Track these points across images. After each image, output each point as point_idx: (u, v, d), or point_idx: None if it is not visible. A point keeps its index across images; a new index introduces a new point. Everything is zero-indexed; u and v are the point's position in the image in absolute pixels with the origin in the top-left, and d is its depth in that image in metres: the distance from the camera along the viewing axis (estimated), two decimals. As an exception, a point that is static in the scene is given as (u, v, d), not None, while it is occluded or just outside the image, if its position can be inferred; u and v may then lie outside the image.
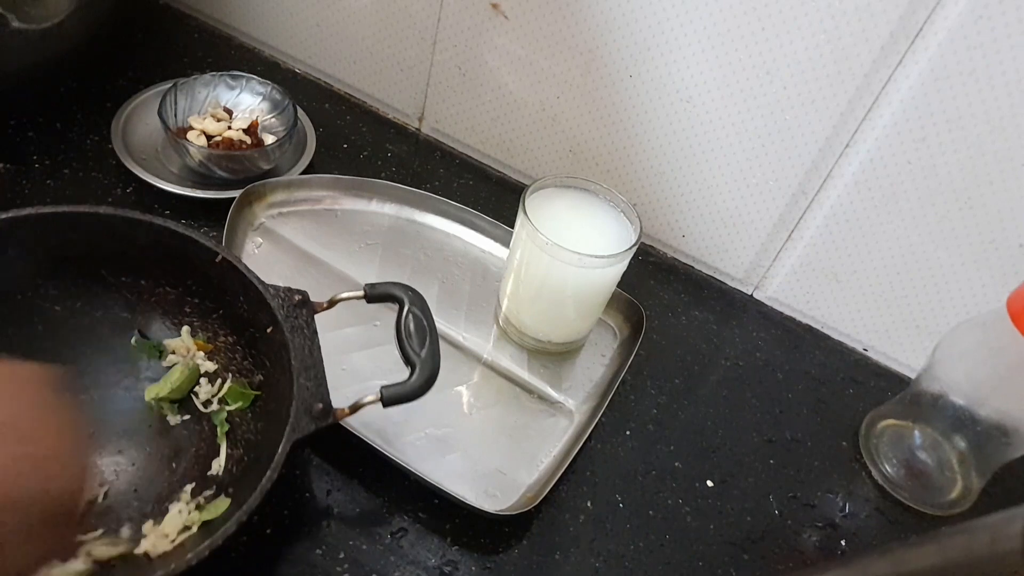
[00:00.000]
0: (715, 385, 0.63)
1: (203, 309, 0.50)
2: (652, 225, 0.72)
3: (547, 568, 0.49)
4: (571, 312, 0.59)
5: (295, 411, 0.42)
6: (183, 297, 0.50)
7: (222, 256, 0.47)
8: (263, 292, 0.46)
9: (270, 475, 0.39)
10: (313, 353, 0.45)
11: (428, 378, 0.45)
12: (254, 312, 0.47)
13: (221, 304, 0.49)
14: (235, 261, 0.47)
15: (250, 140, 0.66)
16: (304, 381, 0.43)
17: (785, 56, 0.58)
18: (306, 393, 0.43)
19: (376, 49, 0.76)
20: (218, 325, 0.50)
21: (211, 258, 0.47)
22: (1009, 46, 0.51)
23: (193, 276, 0.49)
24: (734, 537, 0.53)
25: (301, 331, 0.45)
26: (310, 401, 0.43)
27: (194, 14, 0.84)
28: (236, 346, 0.50)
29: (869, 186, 0.61)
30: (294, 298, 0.46)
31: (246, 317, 0.48)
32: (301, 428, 0.42)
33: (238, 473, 0.46)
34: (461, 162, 0.77)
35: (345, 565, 0.46)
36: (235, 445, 0.47)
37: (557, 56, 0.67)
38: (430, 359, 0.46)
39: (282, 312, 0.45)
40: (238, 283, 0.47)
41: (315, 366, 0.44)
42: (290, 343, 0.44)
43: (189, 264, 0.48)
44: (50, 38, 0.59)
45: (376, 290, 0.48)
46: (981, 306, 0.61)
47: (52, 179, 0.62)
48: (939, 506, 0.57)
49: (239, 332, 0.49)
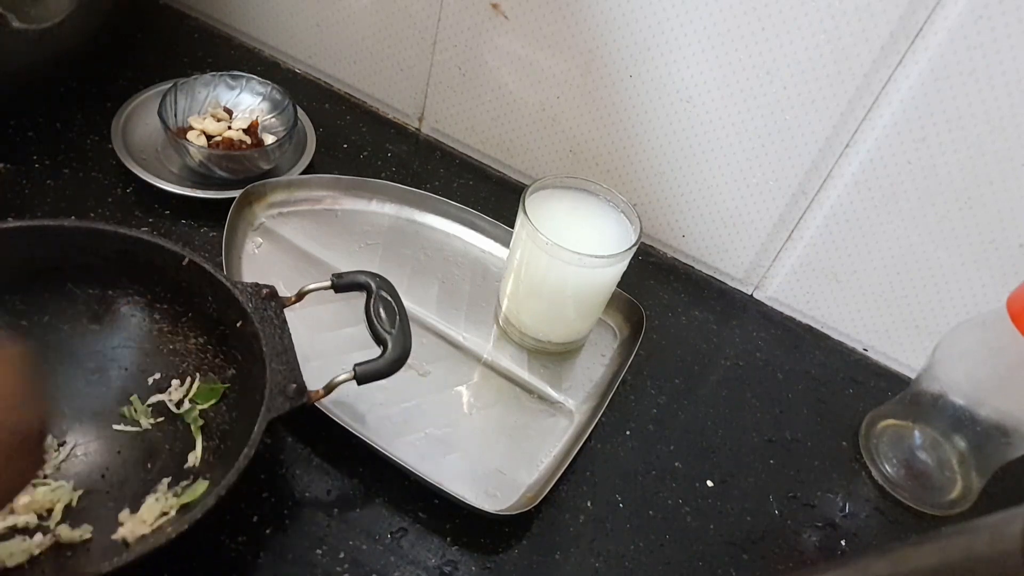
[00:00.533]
0: (715, 385, 0.63)
1: (172, 313, 0.50)
2: (652, 225, 0.72)
3: (547, 568, 0.49)
4: (571, 312, 0.59)
5: (269, 392, 0.43)
6: (152, 304, 0.50)
7: (189, 259, 0.48)
8: (231, 289, 0.47)
9: (247, 452, 0.40)
10: (284, 340, 0.46)
11: (401, 353, 0.46)
12: (223, 310, 0.48)
13: (190, 307, 0.50)
14: (202, 262, 0.48)
15: (250, 140, 0.66)
16: (276, 366, 0.44)
17: (785, 56, 0.58)
18: (279, 376, 0.44)
19: (376, 49, 0.76)
20: (188, 328, 0.51)
21: (178, 262, 0.48)
22: (1009, 46, 0.51)
23: (161, 283, 0.49)
24: (734, 537, 0.53)
25: (271, 321, 0.47)
26: (283, 383, 0.44)
27: (194, 14, 0.84)
28: (207, 346, 0.50)
29: (869, 186, 0.61)
30: (262, 292, 0.48)
31: (215, 316, 0.49)
32: (276, 407, 0.43)
33: (215, 460, 0.46)
34: (461, 162, 0.77)
35: (345, 565, 0.46)
36: (211, 437, 0.48)
37: (557, 56, 0.67)
38: (401, 335, 0.47)
39: (251, 305, 0.47)
40: (206, 283, 0.48)
41: (286, 351, 0.46)
42: (260, 332, 0.45)
43: (156, 271, 0.49)
44: (50, 38, 0.59)
45: (344, 279, 0.50)
46: (981, 306, 0.61)
47: (52, 179, 0.62)
48: (939, 506, 0.57)
49: (209, 332, 0.50)
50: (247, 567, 0.45)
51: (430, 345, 0.59)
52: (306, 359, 0.47)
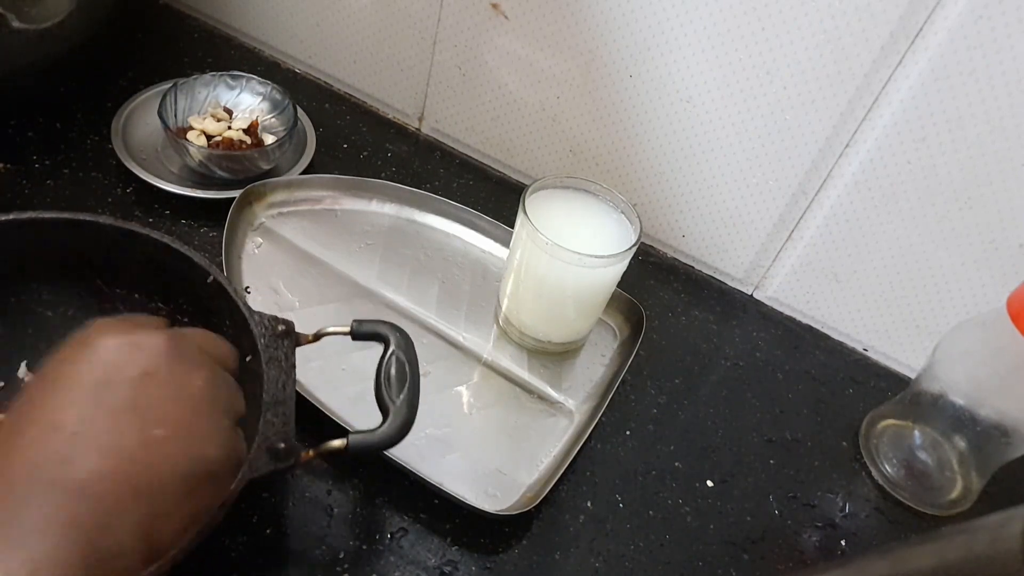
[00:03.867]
0: (715, 385, 0.63)
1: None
2: (652, 225, 0.72)
3: (547, 568, 0.49)
4: (571, 312, 0.59)
5: (255, 448, 0.39)
6: (173, 315, 0.49)
7: (213, 278, 0.46)
8: (248, 318, 0.44)
9: (216, 513, 0.35)
10: (286, 388, 0.43)
11: (400, 427, 0.43)
12: (237, 337, 0.45)
13: (208, 325, 0.48)
14: (225, 284, 0.46)
15: (250, 140, 0.66)
16: (271, 417, 0.41)
17: (785, 56, 0.58)
18: (270, 430, 0.40)
19: (376, 49, 0.76)
20: None
21: (203, 279, 0.46)
22: (1009, 46, 0.51)
23: (184, 295, 0.48)
24: (734, 537, 0.53)
25: (279, 363, 0.43)
26: (273, 439, 0.40)
27: (194, 14, 0.84)
28: None
29: (869, 186, 0.61)
30: (278, 328, 0.45)
31: (230, 342, 0.47)
32: (258, 468, 0.39)
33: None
34: (461, 162, 0.77)
35: (345, 565, 0.46)
36: None
37: (557, 56, 0.67)
38: (405, 407, 0.43)
39: (263, 340, 0.44)
40: (226, 306, 0.46)
41: (285, 402, 0.42)
42: (264, 375, 0.42)
43: (182, 282, 0.48)
44: (50, 38, 0.59)
45: (363, 328, 0.47)
46: (981, 306, 0.61)
47: (52, 179, 0.62)
48: (939, 506, 0.57)
49: None
50: (247, 567, 0.45)
51: (430, 345, 0.59)
52: (307, 359, 0.47)
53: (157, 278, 0.48)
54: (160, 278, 0.48)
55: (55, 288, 0.48)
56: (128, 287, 0.49)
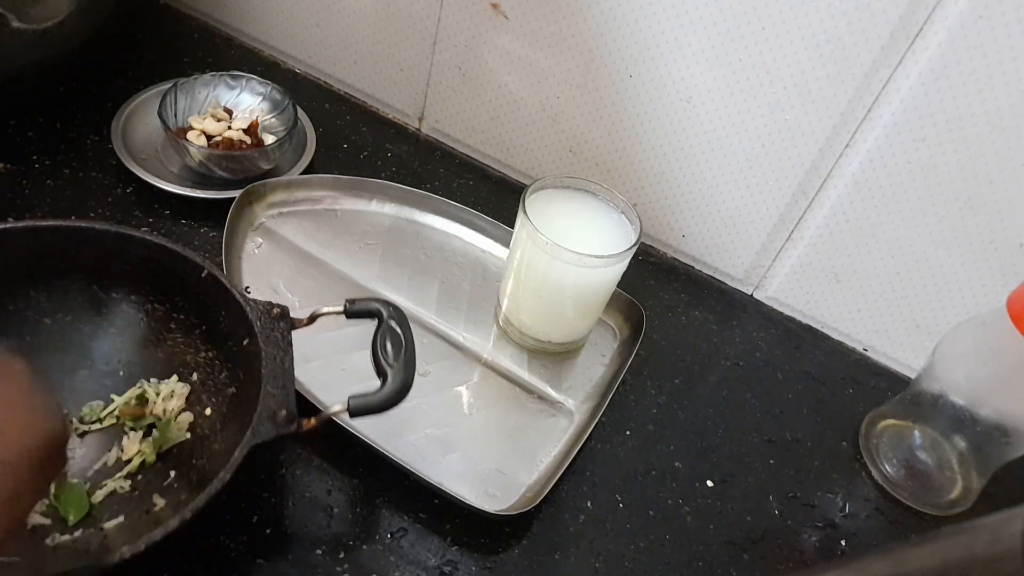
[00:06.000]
0: (715, 385, 0.63)
1: (187, 325, 0.50)
2: (652, 225, 0.72)
3: (547, 568, 0.49)
4: (571, 312, 0.59)
5: (258, 416, 0.41)
6: (169, 314, 0.50)
7: (207, 271, 0.47)
8: (243, 304, 0.46)
9: (222, 476, 0.38)
10: (284, 364, 0.45)
11: (399, 388, 0.44)
12: (234, 326, 0.47)
13: (204, 320, 0.50)
14: (219, 275, 0.47)
15: (250, 140, 0.66)
16: (271, 388, 0.43)
17: (785, 56, 0.58)
18: (271, 400, 0.42)
19: (376, 49, 0.76)
20: (200, 341, 0.50)
21: (197, 274, 0.48)
22: (1009, 46, 0.51)
23: (181, 293, 0.49)
24: (734, 537, 0.53)
25: (276, 343, 0.45)
26: (274, 408, 0.42)
27: (194, 14, 0.84)
28: (215, 361, 0.50)
29: (869, 186, 0.61)
30: (273, 311, 0.47)
31: (226, 331, 0.48)
32: (262, 433, 0.41)
33: (196, 481, 0.45)
34: (461, 162, 0.77)
35: (345, 565, 0.46)
36: (200, 456, 0.47)
37: (557, 56, 0.67)
38: (402, 370, 0.45)
39: (259, 324, 0.46)
40: (221, 297, 0.47)
41: (284, 375, 0.44)
42: (263, 352, 0.44)
43: (177, 280, 0.49)
44: (50, 38, 0.59)
45: (356, 306, 0.48)
46: (981, 306, 0.61)
47: (52, 179, 0.62)
48: (939, 506, 0.57)
49: (219, 347, 0.50)
50: (247, 567, 0.45)
51: (430, 345, 0.59)
52: (306, 359, 0.47)
53: (153, 279, 0.49)
54: (156, 279, 0.49)
55: (52, 295, 0.49)
56: (124, 290, 0.50)
